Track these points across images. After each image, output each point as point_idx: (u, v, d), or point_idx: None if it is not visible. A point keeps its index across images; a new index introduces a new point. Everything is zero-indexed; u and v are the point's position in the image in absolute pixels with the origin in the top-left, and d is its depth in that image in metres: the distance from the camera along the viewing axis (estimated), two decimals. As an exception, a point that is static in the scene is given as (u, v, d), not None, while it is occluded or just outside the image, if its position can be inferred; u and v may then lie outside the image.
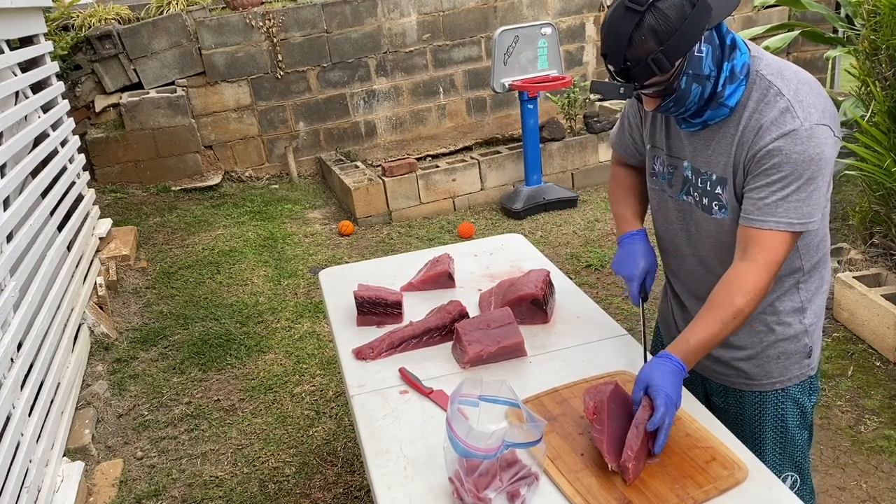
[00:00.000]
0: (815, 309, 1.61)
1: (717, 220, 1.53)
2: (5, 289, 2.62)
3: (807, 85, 1.41)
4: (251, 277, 4.46)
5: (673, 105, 1.43)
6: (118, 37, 5.74)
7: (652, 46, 1.33)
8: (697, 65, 1.37)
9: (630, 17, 1.32)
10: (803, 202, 1.38)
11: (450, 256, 2.25)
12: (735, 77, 1.42)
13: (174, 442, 3.04)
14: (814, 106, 1.38)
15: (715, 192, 1.51)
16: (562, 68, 5.21)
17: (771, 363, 1.62)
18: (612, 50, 1.36)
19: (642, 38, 1.32)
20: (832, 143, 1.39)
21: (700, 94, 1.41)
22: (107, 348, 3.70)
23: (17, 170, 3.14)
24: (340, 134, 6.48)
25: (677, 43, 1.33)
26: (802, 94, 1.39)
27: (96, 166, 5.75)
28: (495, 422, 1.44)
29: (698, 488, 1.30)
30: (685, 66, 1.36)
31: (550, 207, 5.14)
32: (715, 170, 1.50)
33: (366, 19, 6.22)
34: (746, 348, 1.63)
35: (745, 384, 1.66)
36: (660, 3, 1.32)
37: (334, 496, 2.66)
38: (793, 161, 1.36)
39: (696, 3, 1.33)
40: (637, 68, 1.35)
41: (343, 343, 1.92)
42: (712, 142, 1.50)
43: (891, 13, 3.22)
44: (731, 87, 1.43)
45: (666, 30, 1.32)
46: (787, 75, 1.42)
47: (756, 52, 1.47)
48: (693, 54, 1.36)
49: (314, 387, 3.32)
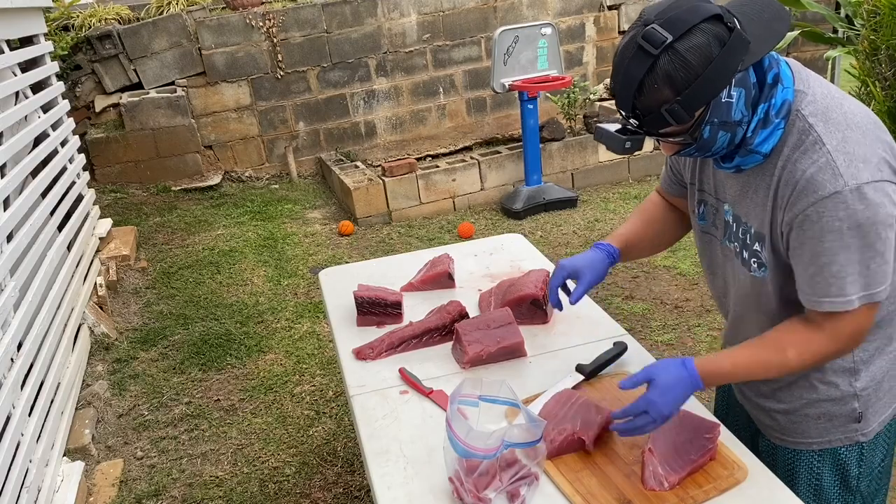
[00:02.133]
0: (873, 372, 1.36)
1: (756, 279, 1.35)
2: (5, 289, 2.62)
3: (858, 131, 1.18)
4: (251, 277, 4.46)
5: (696, 151, 1.25)
6: (118, 37, 5.74)
7: (667, 95, 1.13)
8: (725, 112, 1.17)
9: (642, 59, 1.12)
10: (860, 274, 1.18)
11: (450, 256, 2.25)
12: (769, 121, 1.21)
13: (174, 442, 3.04)
14: (864, 159, 1.15)
15: (753, 247, 1.33)
16: (562, 68, 5.21)
17: (809, 422, 1.42)
18: (620, 94, 1.18)
19: (655, 86, 1.13)
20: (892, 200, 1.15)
21: (730, 141, 1.22)
22: (107, 348, 3.70)
23: (17, 170, 3.14)
24: (340, 134, 6.48)
25: (698, 91, 1.13)
26: (851, 144, 1.16)
27: (96, 166, 5.74)
28: (495, 422, 1.44)
29: (698, 488, 1.30)
30: (708, 115, 1.17)
31: (550, 207, 5.14)
32: (753, 222, 1.31)
33: (366, 19, 6.22)
34: (784, 402, 1.45)
35: (779, 438, 1.49)
36: (679, 43, 1.11)
37: (334, 496, 2.66)
38: (836, 230, 1.15)
39: (728, 43, 1.12)
40: (649, 118, 1.17)
41: (343, 343, 1.92)
42: (749, 189, 1.30)
43: (891, 13, 3.22)
44: (763, 132, 1.22)
45: (685, 77, 1.11)
46: (833, 118, 1.19)
47: (804, 83, 1.23)
48: (719, 101, 1.15)
49: (314, 387, 3.32)
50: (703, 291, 3.80)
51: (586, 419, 1.43)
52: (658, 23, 1.13)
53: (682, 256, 4.21)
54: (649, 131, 1.22)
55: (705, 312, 3.60)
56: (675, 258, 4.20)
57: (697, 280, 3.92)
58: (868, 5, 3.43)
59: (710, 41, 1.12)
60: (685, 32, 1.12)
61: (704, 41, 1.11)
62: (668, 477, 1.29)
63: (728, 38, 1.13)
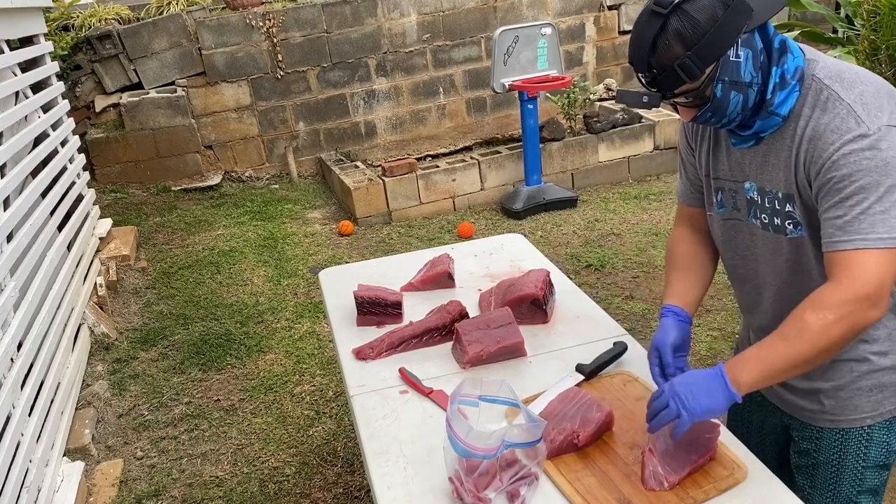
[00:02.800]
0: None
1: (794, 240, 1.37)
2: (5, 289, 2.62)
3: (871, 86, 1.26)
4: (251, 277, 4.46)
5: (711, 115, 1.31)
6: (118, 37, 5.74)
7: (678, 51, 1.23)
8: (734, 71, 1.25)
9: (654, 20, 1.24)
10: (889, 214, 1.20)
11: (450, 256, 2.25)
12: (786, 83, 1.29)
13: (174, 442, 3.04)
14: (881, 108, 1.23)
15: (785, 210, 1.35)
16: (562, 68, 5.21)
17: (862, 397, 1.41)
18: (636, 56, 1.28)
19: (667, 42, 1.23)
20: None
21: (742, 103, 1.29)
22: (107, 348, 3.71)
23: (17, 170, 3.14)
24: (340, 134, 6.48)
25: (707, 47, 1.22)
26: (867, 97, 1.24)
27: (96, 166, 5.74)
28: (495, 422, 1.44)
29: (698, 488, 1.30)
30: (718, 72, 1.25)
31: (550, 207, 5.14)
32: (779, 187, 1.35)
33: (366, 19, 6.22)
34: (833, 379, 1.42)
35: (830, 420, 1.45)
36: (687, 4, 1.22)
37: (334, 496, 2.66)
38: (865, 168, 1.20)
39: (731, 4, 1.22)
40: (663, 75, 1.26)
41: (343, 343, 1.92)
42: (770, 157, 1.35)
43: (891, 13, 3.23)
44: (782, 94, 1.29)
45: (693, 34, 1.22)
46: (847, 77, 1.27)
47: (812, 55, 1.32)
48: (728, 59, 1.24)
49: (314, 387, 3.32)
50: (703, 291, 3.79)
51: (585, 417, 1.43)
52: None
53: (682, 256, 4.20)
54: (665, 91, 1.29)
55: (705, 312, 3.60)
56: (675, 258, 4.19)
57: (697, 280, 3.92)
58: (868, 5, 3.43)
59: (714, 3, 1.22)
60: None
61: (709, 2, 1.22)
62: (668, 477, 1.29)
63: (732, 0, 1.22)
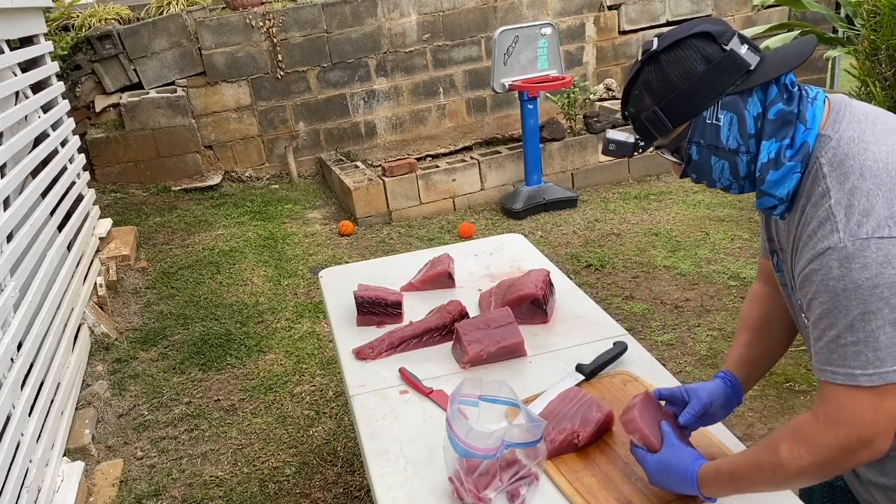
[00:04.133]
0: None
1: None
2: (5, 289, 2.62)
3: (873, 180, 1.05)
4: (251, 277, 4.46)
5: (696, 175, 1.22)
6: (118, 37, 5.74)
7: (646, 104, 1.17)
8: (712, 135, 1.15)
9: (636, 66, 1.19)
10: (862, 346, 1.02)
11: (450, 256, 2.25)
12: (780, 162, 1.13)
13: (174, 442, 3.04)
14: (869, 212, 1.02)
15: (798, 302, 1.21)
16: (562, 68, 5.21)
17: None
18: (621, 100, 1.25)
19: (636, 92, 1.19)
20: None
21: (731, 170, 1.17)
22: (107, 348, 3.70)
23: (17, 170, 3.14)
24: (340, 134, 6.48)
25: (676, 104, 1.14)
26: (858, 196, 1.04)
27: (96, 166, 5.75)
28: (495, 422, 1.44)
29: (698, 488, 1.30)
30: (691, 133, 1.16)
31: (550, 207, 5.14)
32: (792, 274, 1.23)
33: (366, 19, 6.22)
34: (886, 476, 1.23)
35: None
36: (664, 54, 1.15)
37: (334, 496, 2.66)
38: (832, 290, 1.03)
39: (715, 62, 1.11)
40: (637, 126, 1.22)
41: (343, 343, 1.92)
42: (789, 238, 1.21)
43: (891, 13, 3.23)
44: (774, 174, 1.14)
45: (661, 88, 1.15)
46: (848, 166, 1.08)
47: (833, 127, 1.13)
48: (702, 121, 1.14)
49: (314, 387, 3.32)
50: (702, 291, 3.80)
51: (585, 417, 1.43)
52: (657, 36, 1.19)
53: (682, 256, 4.21)
54: (639, 140, 1.24)
55: (705, 312, 3.60)
56: (675, 258, 4.20)
57: (697, 280, 3.92)
58: (868, 5, 3.43)
59: (694, 56, 1.13)
60: (671, 45, 1.15)
61: (687, 56, 1.13)
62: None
63: (719, 57, 1.12)
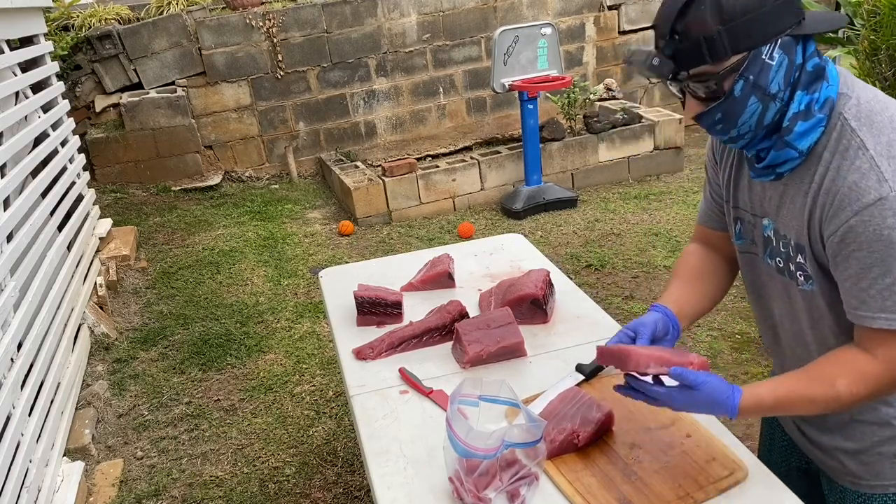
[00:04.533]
0: None
1: (805, 293, 1.25)
2: (5, 289, 2.62)
3: None
4: (251, 277, 4.46)
5: (720, 119, 1.14)
6: (118, 37, 5.74)
7: (710, 22, 1.05)
8: (763, 73, 1.09)
9: None
10: None
11: (450, 256, 2.25)
12: (811, 114, 1.12)
13: (174, 442, 3.04)
14: None
15: (797, 260, 1.23)
16: (562, 68, 5.21)
17: (885, 462, 1.28)
18: (664, 15, 1.10)
19: (702, 7, 1.06)
20: None
21: (759, 116, 1.12)
22: (107, 348, 3.70)
23: (18, 170, 3.14)
24: (340, 134, 6.48)
25: (743, 29, 1.05)
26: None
27: (96, 166, 5.74)
28: (495, 422, 1.44)
29: (698, 488, 1.30)
30: (745, 66, 1.08)
31: (550, 207, 5.14)
32: (791, 234, 1.22)
33: (366, 19, 6.22)
34: (853, 439, 1.30)
35: (851, 482, 1.34)
36: None
37: (334, 496, 2.66)
38: (886, 239, 1.06)
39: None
40: (684, 45, 1.08)
41: (343, 343, 1.92)
42: (786, 198, 1.21)
43: (891, 13, 3.22)
44: (802, 125, 1.12)
45: (734, 8, 1.05)
46: (878, 122, 1.10)
47: (848, 87, 1.15)
48: (759, 56, 1.08)
49: (314, 387, 3.32)
50: (703, 291, 3.79)
51: (585, 417, 1.43)
52: None
53: (682, 256, 4.21)
54: (680, 67, 1.10)
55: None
56: (675, 258, 4.20)
57: (697, 280, 3.92)
58: (868, 5, 3.43)
59: None
60: None
61: None
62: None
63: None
